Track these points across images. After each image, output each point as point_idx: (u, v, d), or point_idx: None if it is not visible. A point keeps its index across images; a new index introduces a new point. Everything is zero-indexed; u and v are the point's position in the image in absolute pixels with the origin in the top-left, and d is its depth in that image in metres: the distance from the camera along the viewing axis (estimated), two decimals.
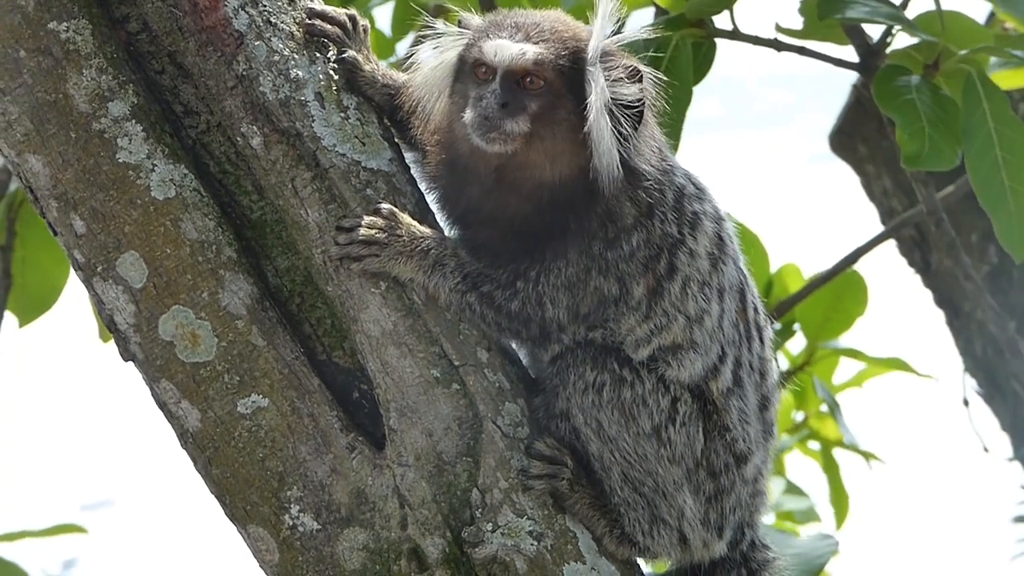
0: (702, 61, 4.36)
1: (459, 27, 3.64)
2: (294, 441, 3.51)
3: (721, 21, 4.38)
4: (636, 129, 3.51)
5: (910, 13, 4.32)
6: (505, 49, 3.49)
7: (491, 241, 3.59)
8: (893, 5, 4.24)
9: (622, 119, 3.49)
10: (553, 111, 3.50)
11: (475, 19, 3.63)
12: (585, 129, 3.45)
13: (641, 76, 3.51)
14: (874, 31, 4.44)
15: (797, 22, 4.33)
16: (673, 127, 3.83)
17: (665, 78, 3.59)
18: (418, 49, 3.67)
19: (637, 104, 3.50)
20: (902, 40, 4.39)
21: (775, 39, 4.40)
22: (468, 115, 3.52)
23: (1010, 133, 4.13)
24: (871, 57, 4.37)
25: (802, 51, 4.42)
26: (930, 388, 6.67)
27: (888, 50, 4.39)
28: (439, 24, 3.64)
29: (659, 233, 3.58)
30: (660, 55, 4.20)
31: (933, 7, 4.24)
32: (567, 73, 3.50)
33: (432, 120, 3.64)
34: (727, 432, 3.66)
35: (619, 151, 3.47)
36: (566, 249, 3.55)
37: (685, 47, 4.23)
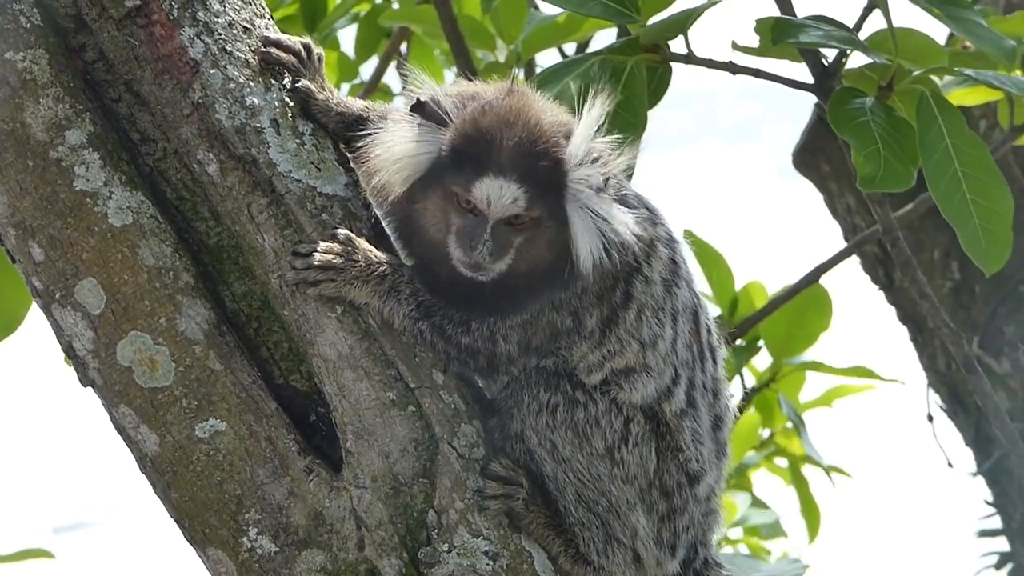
0: (658, 84, 4.37)
1: (425, 115, 3.55)
2: (252, 464, 3.54)
3: (676, 45, 4.40)
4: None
5: (865, 30, 4.35)
6: (497, 198, 3.45)
7: (449, 289, 3.59)
8: (847, 28, 4.26)
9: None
10: (537, 238, 3.51)
11: (441, 102, 3.54)
12: (572, 250, 3.48)
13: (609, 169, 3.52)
14: (829, 51, 4.47)
15: (753, 41, 4.35)
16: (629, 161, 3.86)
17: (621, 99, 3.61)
18: (386, 118, 3.64)
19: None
20: (857, 59, 4.42)
21: (730, 62, 4.42)
22: (455, 251, 3.50)
23: (967, 148, 4.15)
24: (826, 78, 4.40)
25: (758, 73, 4.45)
26: (895, 404, 6.72)
27: (843, 70, 4.41)
28: (403, 111, 3.59)
29: (615, 264, 3.59)
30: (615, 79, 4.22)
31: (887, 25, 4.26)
32: (551, 200, 3.49)
33: (391, 194, 3.59)
34: (680, 452, 3.69)
35: (604, 244, 3.50)
36: (524, 302, 3.58)
37: (640, 72, 4.25)
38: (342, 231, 3.57)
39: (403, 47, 7.11)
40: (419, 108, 3.55)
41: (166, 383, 3.55)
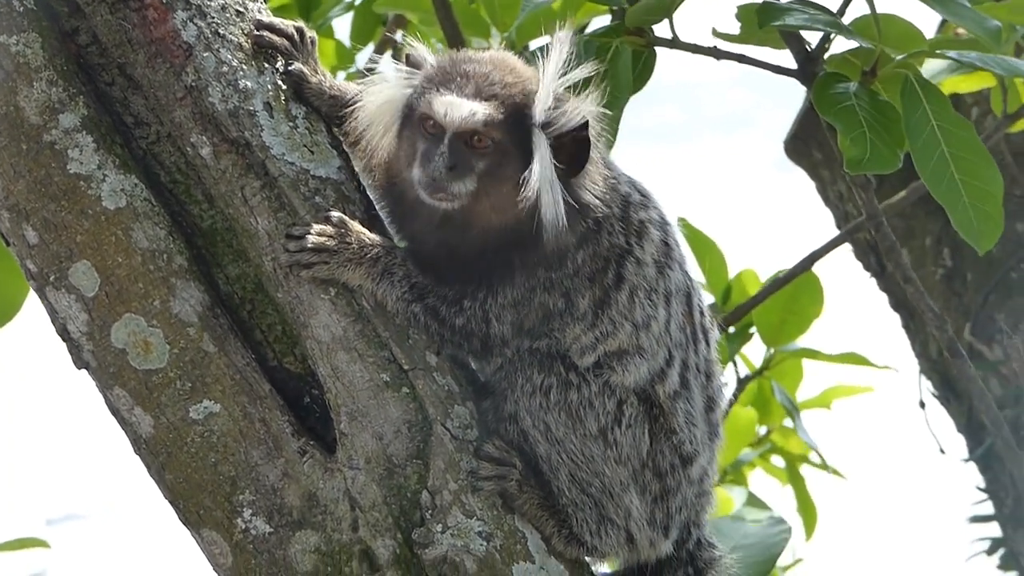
0: (643, 69, 4.39)
1: (407, 63, 3.66)
2: (246, 446, 3.55)
3: (662, 30, 4.42)
4: (583, 168, 3.55)
5: (848, 16, 4.37)
6: (455, 109, 3.50)
7: (438, 263, 3.62)
8: (831, 12, 4.28)
9: (569, 167, 3.54)
10: (500, 168, 3.53)
11: (426, 56, 3.65)
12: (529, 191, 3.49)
13: (587, 122, 3.53)
14: (812, 36, 4.49)
15: (735, 27, 4.37)
16: (609, 134, 3.87)
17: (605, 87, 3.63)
18: (369, 77, 3.70)
19: (584, 147, 3.54)
20: (839, 44, 4.44)
21: (714, 47, 4.44)
22: (416, 172, 3.55)
23: (954, 129, 4.16)
24: (809, 63, 4.42)
25: (741, 59, 4.46)
26: (887, 391, 6.72)
27: (826, 55, 4.43)
28: (387, 61, 3.67)
29: (606, 246, 3.62)
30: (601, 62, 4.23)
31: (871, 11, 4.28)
32: (515, 131, 3.53)
33: (377, 154, 3.66)
34: (673, 434, 3.71)
35: (564, 200, 3.51)
36: (512, 275, 3.60)
37: (625, 53, 4.26)
38: (335, 214, 3.58)
39: (399, 36, 7.10)
40: (404, 60, 3.64)
41: (160, 365, 3.56)
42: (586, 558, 3.72)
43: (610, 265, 3.64)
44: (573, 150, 3.54)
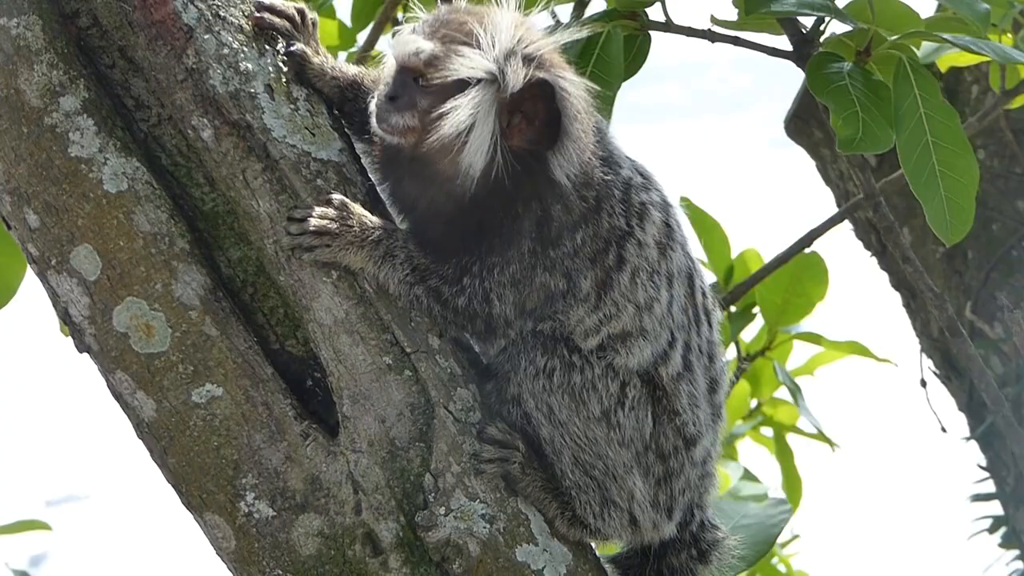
0: (636, 53, 4.39)
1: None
2: (248, 429, 3.55)
3: (655, 13, 4.41)
4: (556, 141, 3.52)
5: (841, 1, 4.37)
6: (403, 44, 3.54)
7: (435, 234, 3.61)
8: None
9: (539, 137, 3.52)
10: (444, 112, 3.51)
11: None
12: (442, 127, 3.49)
13: (554, 90, 3.50)
14: (807, 19, 4.49)
15: (732, 13, 4.37)
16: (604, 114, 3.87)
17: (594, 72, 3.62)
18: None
19: (555, 118, 3.51)
20: (835, 26, 4.44)
21: (709, 30, 4.44)
22: (371, 103, 3.60)
23: (940, 118, 4.17)
24: (804, 46, 4.42)
25: (736, 41, 4.46)
26: (888, 369, 6.72)
27: (822, 39, 4.43)
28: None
29: (606, 227, 3.62)
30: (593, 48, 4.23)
31: None
32: (465, 78, 3.50)
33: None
34: (676, 416, 3.71)
35: (507, 161, 3.50)
36: (506, 246, 3.58)
37: (617, 37, 4.25)
38: (337, 196, 3.58)
39: (400, 15, 7.07)
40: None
41: (162, 349, 3.56)
42: (589, 540, 3.72)
43: (611, 246, 3.64)
44: (537, 116, 3.52)
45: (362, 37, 6.98)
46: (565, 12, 6.41)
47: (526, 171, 3.54)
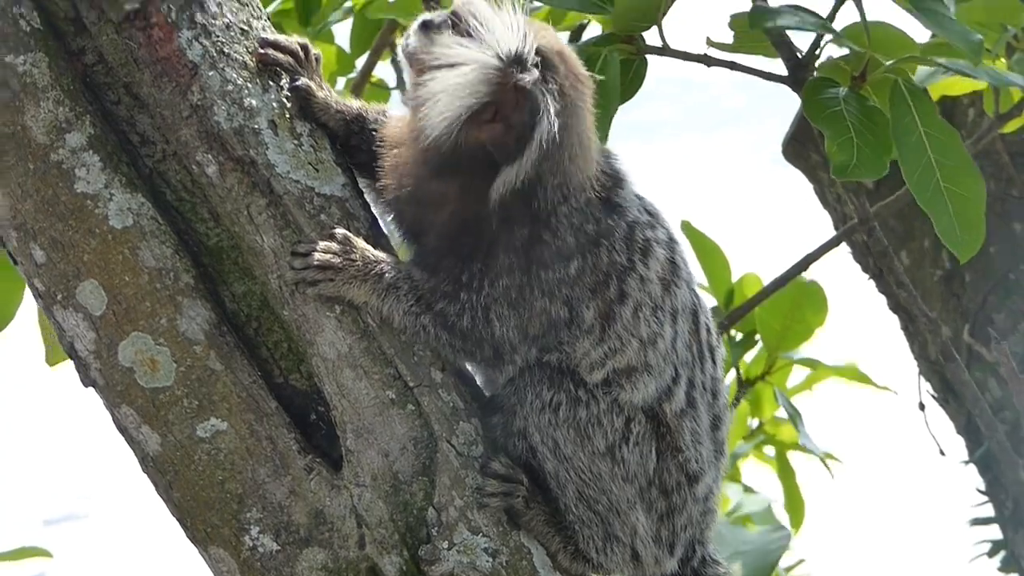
0: (633, 77, 4.41)
1: None
2: (253, 463, 3.57)
3: (652, 38, 4.43)
4: (512, 159, 3.52)
5: (839, 24, 4.39)
6: (409, 35, 3.71)
7: (433, 255, 3.63)
8: (821, 17, 4.31)
9: (492, 135, 3.53)
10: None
11: None
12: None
13: (539, 106, 3.50)
14: (802, 44, 4.52)
15: (728, 35, 4.40)
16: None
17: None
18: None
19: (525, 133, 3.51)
20: (830, 52, 4.46)
21: (705, 55, 4.46)
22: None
23: (940, 136, 4.18)
24: (800, 70, 4.45)
25: (732, 66, 4.48)
26: (886, 393, 6.73)
27: (817, 63, 4.45)
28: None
29: (606, 262, 3.63)
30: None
31: (860, 19, 4.30)
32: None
33: None
34: (680, 453, 3.72)
35: (467, 139, 3.51)
36: (492, 258, 3.58)
37: (614, 61, 4.27)
38: (340, 231, 3.59)
39: (399, 41, 7.10)
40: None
41: (167, 383, 3.57)
42: (591, 574, 3.73)
43: (611, 279, 3.64)
44: (513, 127, 3.51)
45: (360, 63, 7.02)
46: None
47: (471, 170, 3.57)
